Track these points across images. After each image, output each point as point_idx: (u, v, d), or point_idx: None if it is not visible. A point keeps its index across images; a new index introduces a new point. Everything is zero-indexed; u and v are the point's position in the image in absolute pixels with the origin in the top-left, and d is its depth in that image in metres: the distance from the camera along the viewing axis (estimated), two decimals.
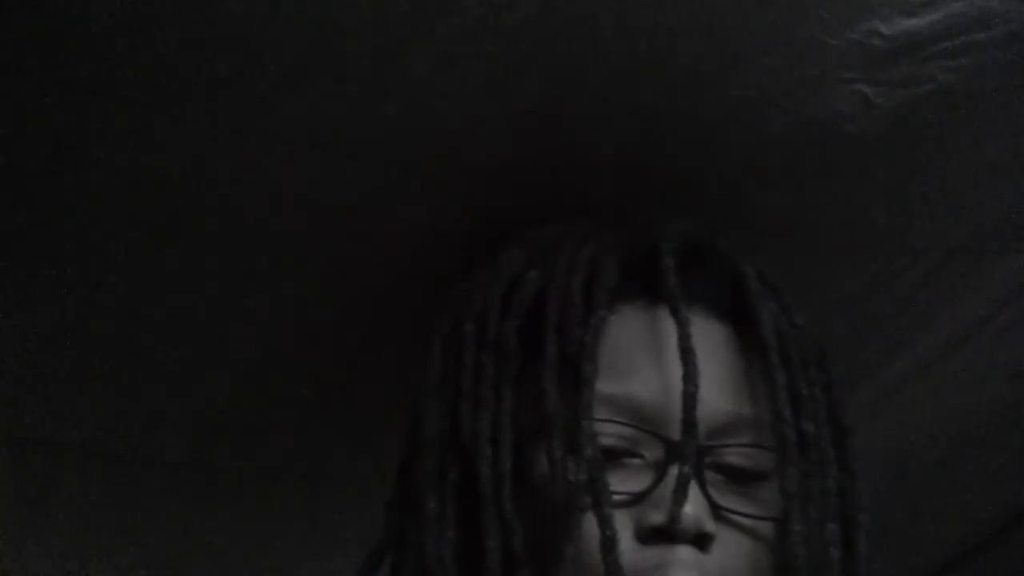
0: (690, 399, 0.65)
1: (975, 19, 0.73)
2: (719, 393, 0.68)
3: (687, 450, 0.64)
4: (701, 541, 0.64)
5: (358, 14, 0.68)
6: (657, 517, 0.64)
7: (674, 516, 0.63)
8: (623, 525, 0.64)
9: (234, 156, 0.75)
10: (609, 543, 0.62)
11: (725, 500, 0.66)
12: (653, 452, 0.66)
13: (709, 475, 0.66)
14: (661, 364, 0.67)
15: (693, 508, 0.64)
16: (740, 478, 0.67)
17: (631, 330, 0.69)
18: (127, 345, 0.87)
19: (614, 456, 0.66)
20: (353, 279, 0.83)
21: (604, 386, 0.66)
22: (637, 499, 0.65)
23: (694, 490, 0.65)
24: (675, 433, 0.66)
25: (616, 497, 0.64)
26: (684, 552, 0.64)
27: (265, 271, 0.83)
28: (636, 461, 0.66)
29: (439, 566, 0.66)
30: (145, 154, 0.74)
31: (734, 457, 0.67)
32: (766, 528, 0.67)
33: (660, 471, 0.65)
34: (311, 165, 0.76)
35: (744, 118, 0.76)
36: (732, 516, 0.66)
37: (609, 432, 0.66)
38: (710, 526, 0.65)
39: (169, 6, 0.67)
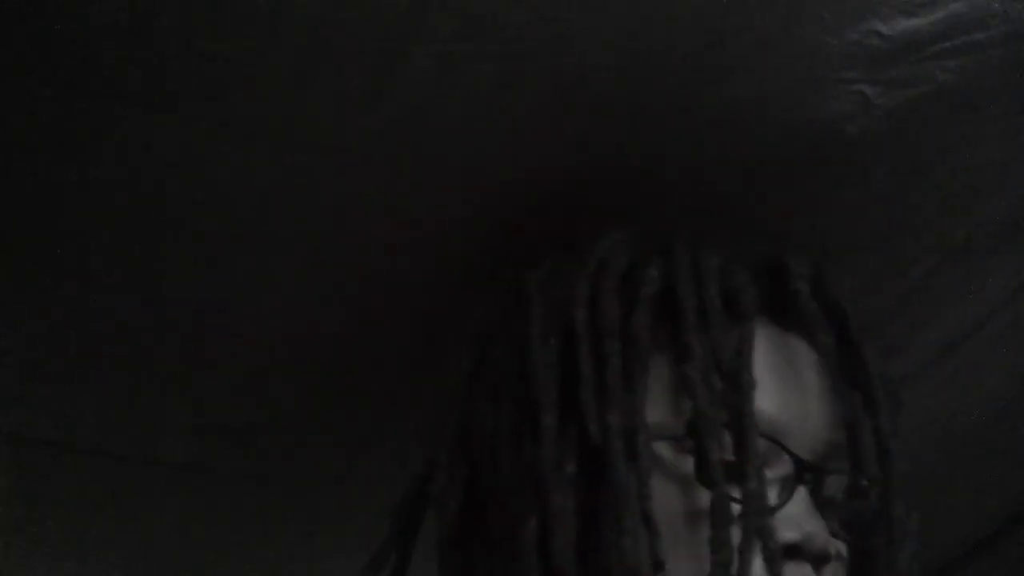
0: (831, 421, 0.66)
1: (975, 19, 0.73)
2: (826, 417, 0.68)
3: (818, 470, 0.65)
4: (821, 562, 0.63)
5: (358, 14, 0.68)
6: (790, 534, 0.62)
7: (808, 535, 0.63)
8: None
9: (234, 156, 0.75)
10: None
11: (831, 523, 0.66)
12: (777, 469, 0.65)
13: None
14: (789, 382, 0.67)
15: (821, 528, 0.64)
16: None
17: (758, 346, 0.68)
18: (127, 345, 0.87)
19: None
20: (352, 279, 0.83)
21: None
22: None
23: (815, 512, 0.65)
24: (804, 452, 0.65)
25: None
26: (808, 571, 0.63)
27: (264, 271, 0.83)
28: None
29: (566, 565, 0.62)
30: (144, 154, 0.74)
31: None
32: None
33: (788, 489, 0.64)
34: (311, 165, 0.76)
35: (744, 118, 0.76)
36: (836, 540, 0.65)
37: None
38: (832, 548, 0.64)
39: (169, 6, 0.67)
